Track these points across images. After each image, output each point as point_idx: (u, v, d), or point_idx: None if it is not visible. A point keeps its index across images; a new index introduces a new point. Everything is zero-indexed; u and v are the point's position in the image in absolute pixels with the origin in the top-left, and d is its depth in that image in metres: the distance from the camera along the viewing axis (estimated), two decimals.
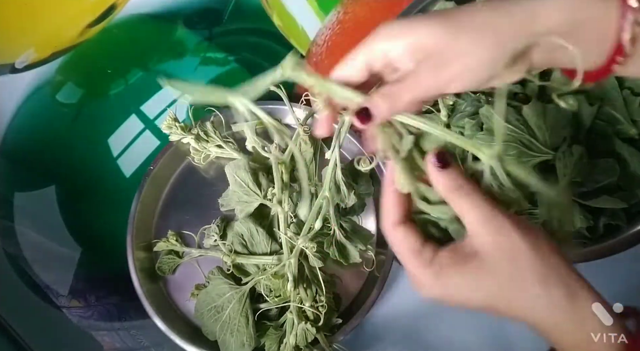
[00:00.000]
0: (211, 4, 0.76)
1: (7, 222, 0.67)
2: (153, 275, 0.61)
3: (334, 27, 0.73)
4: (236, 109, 0.34)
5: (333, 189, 0.56)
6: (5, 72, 0.74)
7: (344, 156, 0.65)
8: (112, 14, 0.76)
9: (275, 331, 0.55)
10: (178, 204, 0.65)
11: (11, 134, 0.71)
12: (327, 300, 0.55)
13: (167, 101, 0.71)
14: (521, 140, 0.51)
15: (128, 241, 0.60)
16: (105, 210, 0.67)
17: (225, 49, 0.74)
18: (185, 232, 0.63)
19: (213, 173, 0.66)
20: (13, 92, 0.73)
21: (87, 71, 0.74)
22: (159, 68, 0.73)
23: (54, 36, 0.75)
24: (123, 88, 0.72)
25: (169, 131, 0.61)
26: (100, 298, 0.64)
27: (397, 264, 0.63)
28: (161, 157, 0.63)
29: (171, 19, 0.76)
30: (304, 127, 0.60)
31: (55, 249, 0.66)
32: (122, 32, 0.75)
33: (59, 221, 0.67)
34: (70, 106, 0.72)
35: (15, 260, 0.65)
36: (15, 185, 0.69)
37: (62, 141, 0.71)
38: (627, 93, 0.51)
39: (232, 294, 0.55)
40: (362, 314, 0.56)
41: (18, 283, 0.65)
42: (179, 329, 0.57)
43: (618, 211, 0.52)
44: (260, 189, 0.58)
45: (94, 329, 0.63)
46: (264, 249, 0.58)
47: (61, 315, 0.63)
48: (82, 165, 0.69)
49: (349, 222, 0.59)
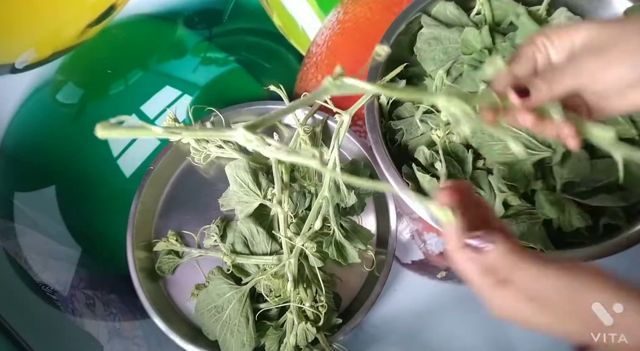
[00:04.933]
0: (211, 4, 0.76)
1: (7, 222, 0.67)
2: (153, 275, 0.61)
3: (334, 27, 0.73)
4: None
5: (333, 189, 0.56)
6: (5, 72, 0.74)
7: (343, 155, 0.65)
8: (112, 14, 0.76)
9: (275, 331, 0.55)
10: (178, 204, 0.65)
11: (11, 134, 0.71)
12: (327, 300, 0.55)
13: (167, 101, 0.71)
14: (520, 139, 0.51)
15: (128, 241, 0.60)
16: (105, 210, 0.67)
17: (225, 49, 0.74)
18: (185, 232, 0.63)
19: (213, 173, 0.66)
20: (13, 92, 0.73)
21: (87, 71, 0.74)
22: (159, 68, 0.73)
23: (54, 36, 0.75)
24: (123, 88, 0.72)
25: None
26: (100, 297, 0.64)
27: (397, 264, 0.63)
28: (161, 157, 0.63)
29: (171, 19, 0.76)
30: (304, 127, 0.60)
31: (55, 249, 0.65)
32: (122, 32, 0.75)
33: (59, 221, 0.67)
34: (70, 106, 0.72)
35: (15, 260, 0.65)
36: (15, 185, 0.69)
37: (62, 141, 0.71)
38: None
39: (232, 294, 0.55)
40: (362, 314, 0.56)
41: (18, 283, 0.65)
42: (179, 329, 0.57)
43: (618, 210, 0.52)
44: (260, 189, 0.58)
45: (93, 329, 0.63)
46: (264, 249, 0.58)
47: (61, 315, 0.63)
48: (82, 165, 0.69)
49: (349, 222, 0.59)
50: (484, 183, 0.54)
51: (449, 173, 0.53)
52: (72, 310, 0.63)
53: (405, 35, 0.61)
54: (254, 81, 0.72)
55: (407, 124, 0.58)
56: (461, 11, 0.60)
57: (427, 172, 0.53)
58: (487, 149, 0.53)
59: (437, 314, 0.62)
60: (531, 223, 0.52)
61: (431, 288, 0.63)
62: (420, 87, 0.60)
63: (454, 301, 0.62)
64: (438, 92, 0.34)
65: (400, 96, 0.35)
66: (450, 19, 0.60)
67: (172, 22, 0.75)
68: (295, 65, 0.73)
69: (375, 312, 0.61)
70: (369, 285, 0.59)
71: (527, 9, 0.56)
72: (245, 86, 0.72)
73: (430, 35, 0.59)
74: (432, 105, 0.58)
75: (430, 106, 0.58)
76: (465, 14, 0.60)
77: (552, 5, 0.58)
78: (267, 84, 0.61)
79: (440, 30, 0.58)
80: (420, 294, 0.62)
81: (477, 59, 0.56)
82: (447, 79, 0.58)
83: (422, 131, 0.58)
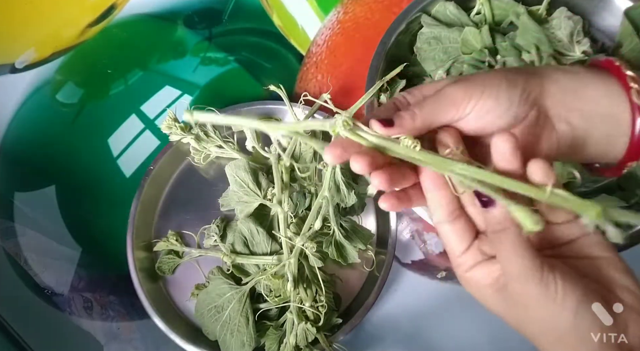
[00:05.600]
0: (211, 4, 0.76)
1: (7, 222, 0.67)
2: (153, 275, 0.61)
3: (334, 27, 0.73)
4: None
5: (333, 189, 0.56)
6: (5, 72, 0.74)
7: None
8: (112, 14, 0.76)
9: (275, 331, 0.55)
10: (178, 204, 0.65)
11: (11, 134, 0.71)
12: (327, 300, 0.55)
13: (167, 101, 0.71)
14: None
15: (128, 241, 0.60)
16: (105, 210, 0.67)
17: (225, 49, 0.74)
18: (185, 232, 0.63)
19: (213, 173, 0.66)
20: (13, 92, 0.73)
21: (87, 71, 0.74)
22: (159, 68, 0.73)
23: (54, 36, 0.75)
24: (123, 88, 0.72)
25: (169, 131, 0.61)
26: (100, 298, 0.64)
27: (397, 264, 0.63)
28: (161, 157, 0.63)
29: (171, 19, 0.76)
30: None
31: (55, 249, 0.65)
32: (122, 32, 0.75)
33: (59, 221, 0.67)
34: (70, 106, 0.72)
35: (15, 260, 0.65)
36: (15, 185, 0.69)
37: (62, 141, 0.71)
38: None
39: (232, 294, 0.55)
40: (362, 314, 0.56)
41: (18, 283, 0.65)
42: (179, 329, 0.57)
43: None
44: (260, 189, 0.58)
45: (94, 328, 0.63)
46: (264, 249, 0.58)
47: (61, 315, 0.63)
48: (82, 165, 0.69)
49: (349, 222, 0.59)
50: None
51: None
52: (72, 310, 0.63)
53: (405, 35, 0.61)
54: (254, 80, 0.72)
55: None
56: (461, 11, 0.60)
57: None
58: None
59: (437, 314, 0.62)
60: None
61: (431, 288, 0.63)
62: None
63: (454, 301, 0.62)
64: None
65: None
66: (450, 18, 0.60)
67: (172, 22, 0.75)
68: (295, 65, 0.73)
69: (375, 312, 0.61)
70: (369, 285, 0.59)
71: (527, 8, 0.56)
72: (245, 85, 0.72)
73: (431, 35, 0.59)
74: None
75: None
76: (465, 14, 0.60)
77: (552, 5, 0.58)
78: (267, 84, 0.61)
79: (441, 30, 0.59)
80: (420, 294, 0.62)
81: (477, 59, 0.56)
82: (447, 78, 0.58)
83: None
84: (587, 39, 0.54)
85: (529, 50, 0.54)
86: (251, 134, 0.61)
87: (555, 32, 0.54)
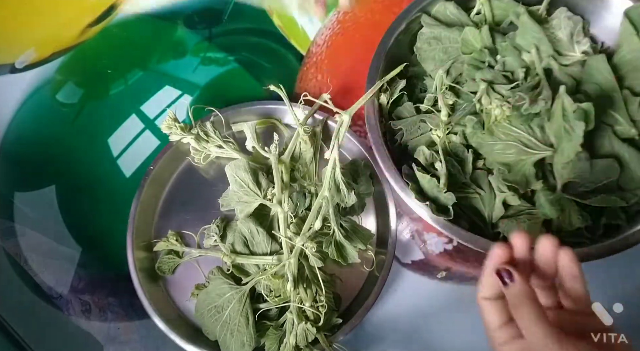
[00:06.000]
0: (211, 4, 0.76)
1: (7, 222, 0.67)
2: (153, 275, 0.61)
3: (334, 27, 0.73)
4: None
5: (333, 189, 0.56)
6: (5, 72, 0.74)
7: (343, 155, 0.65)
8: (112, 14, 0.76)
9: (275, 331, 0.55)
10: (178, 204, 0.65)
11: (11, 134, 0.71)
12: (327, 300, 0.55)
13: (167, 101, 0.71)
14: (520, 139, 0.51)
15: (128, 241, 0.60)
16: (105, 210, 0.67)
17: (225, 49, 0.74)
18: (185, 232, 0.63)
19: (213, 173, 0.66)
20: (13, 92, 0.73)
21: (87, 70, 0.74)
22: (159, 68, 0.73)
23: (54, 36, 0.75)
24: (123, 88, 0.72)
25: (168, 131, 0.61)
26: (100, 298, 0.64)
27: (397, 264, 0.63)
28: (161, 157, 0.63)
29: (171, 19, 0.76)
30: (304, 127, 0.60)
31: (55, 249, 0.65)
32: (122, 32, 0.75)
33: (59, 221, 0.67)
34: (70, 106, 0.72)
35: (15, 260, 0.65)
36: (15, 185, 0.69)
37: (62, 141, 0.71)
38: (627, 93, 0.51)
39: (232, 294, 0.55)
40: (362, 314, 0.56)
41: (18, 283, 0.65)
42: (179, 329, 0.57)
43: (618, 210, 0.52)
44: (260, 189, 0.58)
45: (93, 329, 0.63)
46: (264, 249, 0.58)
47: (61, 315, 0.63)
48: (82, 165, 0.69)
49: (349, 222, 0.59)
50: (484, 183, 0.54)
51: (449, 173, 0.53)
52: (72, 310, 0.63)
53: (406, 34, 0.61)
54: (254, 80, 0.72)
55: (407, 124, 0.58)
56: (461, 11, 0.60)
57: (427, 172, 0.53)
58: (487, 149, 0.53)
59: (437, 314, 0.62)
60: (531, 223, 0.52)
61: (431, 288, 0.63)
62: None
63: (454, 301, 0.62)
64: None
65: None
66: (450, 18, 0.60)
67: (172, 22, 0.75)
68: (295, 65, 0.73)
69: (375, 312, 0.61)
70: (369, 285, 0.59)
71: (527, 8, 0.56)
72: (245, 85, 0.72)
73: (431, 35, 0.59)
74: (433, 105, 0.58)
75: (431, 105, 0.58)
76: (465, 14, 0.60)
77: (552, 5, 0.58)
78: (267, 83, 0.61)
79: (441, 30, 0.59)
80: (420, 294, 0.62)
81: (477, 59, 0.56)
82: (447, 78, 0.58)
83: (422, 131, 0.58)
84: (587, 39, 0.54)
85: (529, 50, 0.54)
86: (251, 134, 0.61)
87: (555, 32, 0.54)
